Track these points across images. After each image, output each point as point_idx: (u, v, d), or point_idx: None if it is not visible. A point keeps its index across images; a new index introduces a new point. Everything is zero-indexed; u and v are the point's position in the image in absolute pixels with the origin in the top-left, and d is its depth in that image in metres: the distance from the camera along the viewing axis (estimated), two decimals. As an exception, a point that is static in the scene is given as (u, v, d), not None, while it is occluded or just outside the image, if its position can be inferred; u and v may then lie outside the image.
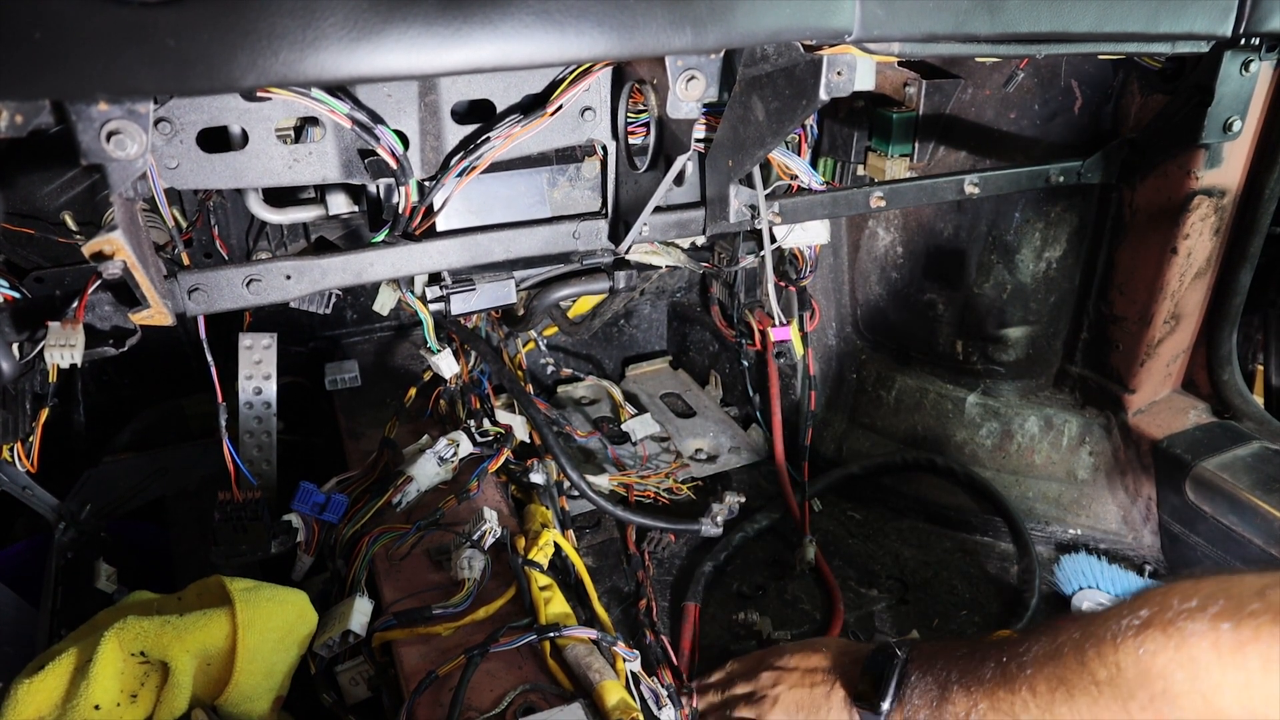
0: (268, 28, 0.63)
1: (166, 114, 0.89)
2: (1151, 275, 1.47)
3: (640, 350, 2.12)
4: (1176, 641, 0.63)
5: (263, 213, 1.10)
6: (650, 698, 1.10)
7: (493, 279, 1.18)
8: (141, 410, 1.68)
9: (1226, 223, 1.44)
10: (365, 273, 1.06)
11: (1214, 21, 1.00)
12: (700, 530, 1.47)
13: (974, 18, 0.87)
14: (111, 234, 0.80)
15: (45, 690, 0.96)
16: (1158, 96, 1.37)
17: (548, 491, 1.41)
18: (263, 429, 1.40)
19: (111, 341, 0.90)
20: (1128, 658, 0.66)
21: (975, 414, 1.65)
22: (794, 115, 0.96)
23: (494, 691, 1.01)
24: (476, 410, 1.48)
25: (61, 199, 1.08)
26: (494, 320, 1.59)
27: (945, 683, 0.84)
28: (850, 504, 1.66)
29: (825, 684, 0.97)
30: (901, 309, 1.71)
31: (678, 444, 1.79)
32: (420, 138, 1.01)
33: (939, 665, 0.87)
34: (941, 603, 1.43)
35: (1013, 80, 1.41)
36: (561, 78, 0.99)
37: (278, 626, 1.04)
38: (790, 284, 1.54)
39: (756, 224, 1.23)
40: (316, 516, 1.25)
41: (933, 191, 1.35)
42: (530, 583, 1.15)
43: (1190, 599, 0.64)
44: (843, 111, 1.48)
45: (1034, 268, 1.57)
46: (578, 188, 1.19)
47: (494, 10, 0.68)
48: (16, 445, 1.07)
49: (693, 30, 0.74)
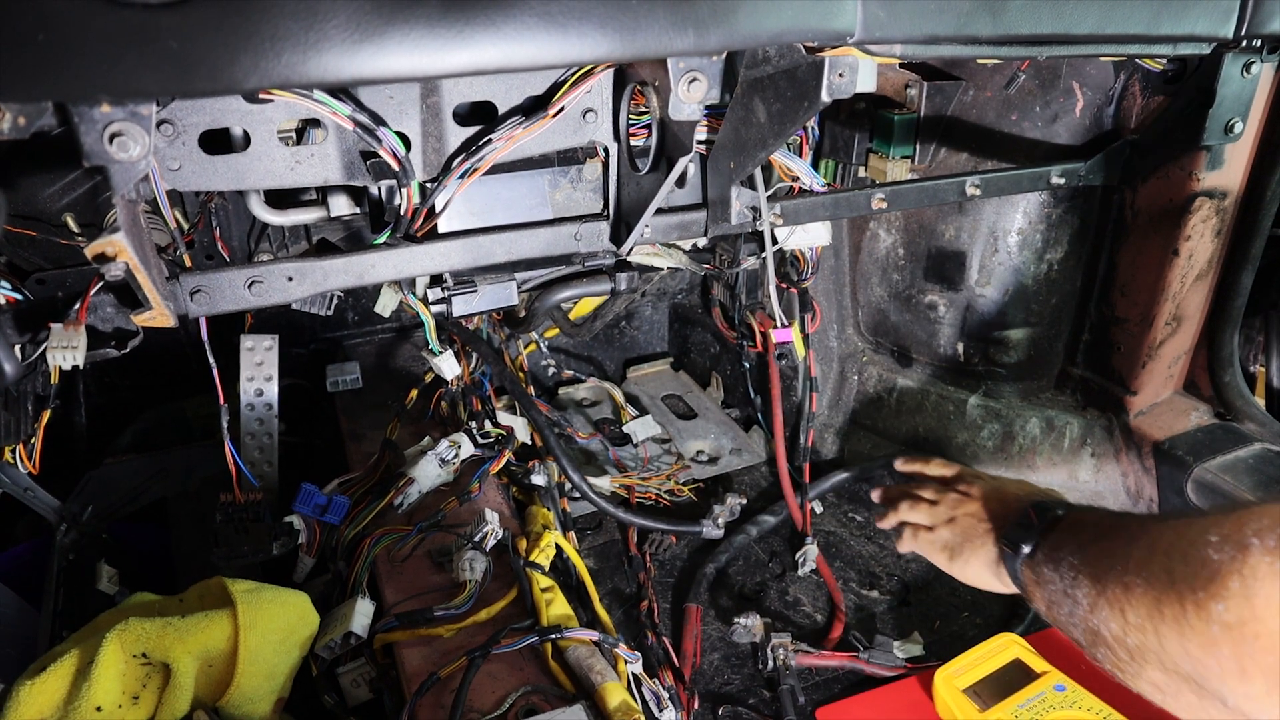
0: (270, 30, 0.63)
1: (169, 116, 0.89)
2: (1153, 277, 1.47)
3: (642, 352, 2.12)
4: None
5: (264, 214, 1.10)
6: (652, 699, 1.10)
7: (494, 280, 1.18)
8: (143, 412, 1.68)
9: (1228, 224, 1.44)
10: (367, 274, 1.06)
11: (1215, 23, 0.99)
12: (701, 532, 1.48)
13: (976, 19, 0.87)
14: (114, 236, 0.80)
15: (47, 692, 0.96)
16: (1159, 98, 1.37)
17: (549, 493, 1.41)
18: (264, 431, 1.40)
19: (113, 343, 0.90)
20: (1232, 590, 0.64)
21: (976, 415, 1.65)
22: (796, 117, 0.96)
23: (496, 693, 1.01)
24: (478, 412, 1.48)
25: (64, 201, 1.08)
26: (495, 322, 1.59)
27: (1076, 565, 0.83)
28: (852, 505, 1.66)
29: (987, 520, 1.04)
30: (903, 310, 1.71)
31: (679, 446, 1.79)
32: (422, 139, 1.01)
33: (1074, 540, 0.87)
34: (943, 604, 1.43)
35: (1014, 82, 1.41)
36: (563, 80, 0.99)
37: (279, 628, 1.04)
38: (792, 285, 1.54)
39: (758, 225, 1.23)
40: (318, 518, 1.25)
41: (934, 193, 1.36)
42: (532, 584, 1.15)
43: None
44: (844, 113, 1.48)
45: (1035, 269, 1.57)
46: (579, 189, 1.19)
47: (496, 12, 0.68)
48: (18, 447, 1.07)
49: (695, 32, 0.74)
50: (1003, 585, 1.00)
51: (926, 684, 1.21)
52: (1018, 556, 0.94)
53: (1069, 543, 0.86)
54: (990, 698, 1.15)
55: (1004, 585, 1.00)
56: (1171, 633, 0.68)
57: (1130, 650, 0.74)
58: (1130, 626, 0.73)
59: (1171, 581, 0.68)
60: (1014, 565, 0.95)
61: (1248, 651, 0.62)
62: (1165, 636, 0.69)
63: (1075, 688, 1.15)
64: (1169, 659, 0.70)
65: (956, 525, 1.09)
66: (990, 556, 1.02)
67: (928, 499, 1.15)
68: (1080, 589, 0.80)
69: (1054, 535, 0.90)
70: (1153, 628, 0.70)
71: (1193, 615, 0.66)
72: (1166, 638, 0.69)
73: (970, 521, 1.07)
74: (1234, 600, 0.63)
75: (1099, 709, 1.12)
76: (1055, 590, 0.86)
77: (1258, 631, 0.61)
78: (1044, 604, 0.89)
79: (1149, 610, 0.71)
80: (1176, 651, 0.68)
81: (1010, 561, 0.96)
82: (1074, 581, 0.81)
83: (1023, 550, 0.93)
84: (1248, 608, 0.62)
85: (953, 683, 1.18)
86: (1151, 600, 0.70)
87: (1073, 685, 1.16)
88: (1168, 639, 0.69)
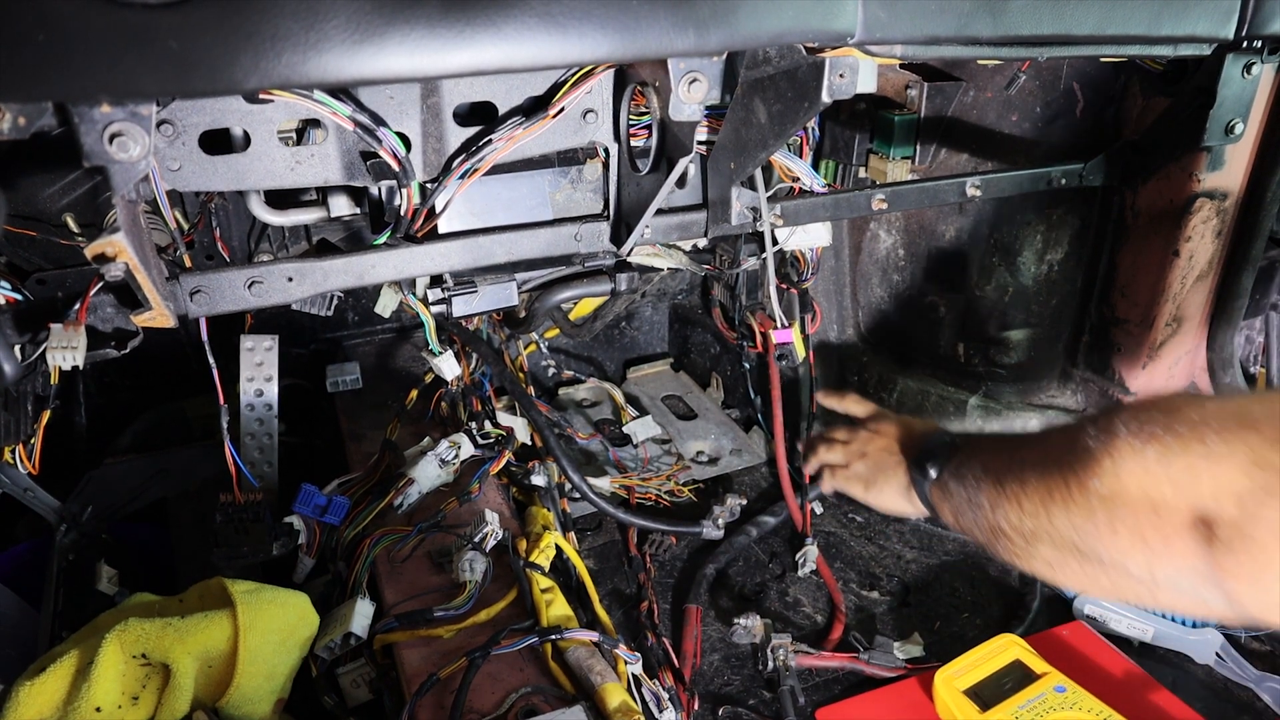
0: (270, 30, 0.63)
1: (169, 116, 0.89)
2: (1153, 278, 1.47)
3: (642, 352, 2.12)
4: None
5: (264, 215, 1.10)
6: (652, 700, 1.10)
7: (494, 281, 1.18)
8: (143, 412, 1.68)
9: (1228, 225, 1.44)
10: (367, 275, 1.06)
11: (1216, 24, 0.99)
12: (701, 532, 1.48)
13: (976, 20, 0.87)
14: (114, 236, 0.80)
15: (47, 692, 0.96)
16: (1159, 99, 1.37)
17: (549, 494, 1.41)
18: (264, 431, 1.40)
19: (113, 343, 0.90)
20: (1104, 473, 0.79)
21: (977, 416, 1.65)
22: (796, 117, 0.96)
23: (496, 694, 1.01)
24: (478, 412, 1.48)
25: (64, 201, 1.08)
26: (495, 322, 1.59)
27: (979, 475, 0.98)
28: (852, 506, 1.66)
29: (897, 452, 1.17)
30: (903, 311, 1.71)
31: (679, 446, 1.79)
32: (422, 140, 1.01)
33: (978, 457, 1.01)
34: (943, 605, 1.43)
35: (1014, 83, 1.41)
36: (564, 80, 0.99)
37: (279, 628, 1.04)
38: (792, 286, 1.54)
39: (758, 226, 1.23)
40: (318, 518, 1.25)
41: (934, 194, 1.35)
42: (532, 585, 1.15)
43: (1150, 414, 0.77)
44: (844, 114, 1.48)
45: (1036, 270, 1.57)
46: (580, 190, 1.19)
47: (497, 13, 0.68)
48: (18, 447, 1.07)
49: (695, 32, 0.74)
50: (913, 509, 1.14)
51: (927, 685, 1.21)
52: (926, 480, 1.08)
53: (971, 461, 1.01)
54: (990, 699, 1.15)
55: (914, 508, 1.13)
56: (1060, 511, 0.83)
57: (1025, 534, 0.89)
58: (1025, 514, 0.88)
59: (1059, 469, 0.83)
60: (923, 488, 1.08)
61: (1117, 515, 0.77)
62: (1055, 515, 0.84)
63: (1075, 689, 1.15)
64: (1057, 535, 0.84)
65: (869, 459, 1.22)
66: (901, 484, 1.14)
67: (841, 440, 1.27)
68: (983, 494, 0.95)
69: (957, 458, 1.04)
70: (1045, 511, 0.85)
71: (1076, 493, 0.80)
72: (1056, 516, 0.83)
73: (882, 455, 1.20)
74: (1106, 476, 0.77)
75: (1099, 710, 1.12)
76: (960, 500, 1.00)
77: (1124, 499, 0.76)
78: (951, 515, 1.03)
79: (1042, 497, 0.85)
80: (1064, 525, 0.83)
81: (919, 485, 1.09)
82: (977, 489, 0.96)
83: (930, 474, 1.07)
84: (1116, 481, 0.76)
85: (953, 684, 1.18)
86: (1044, 488, 0.85)
87: (1073, 686, 1.16)
88: (1057, 517, 0.83)
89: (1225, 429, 0.71)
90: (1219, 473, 0.70)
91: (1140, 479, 0.75)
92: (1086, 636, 1.30)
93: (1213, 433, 0.71)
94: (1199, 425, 0.72)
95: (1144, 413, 0.77)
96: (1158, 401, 0.78)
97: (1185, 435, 0.73)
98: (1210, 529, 0.70)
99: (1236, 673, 1.27)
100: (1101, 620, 1.36)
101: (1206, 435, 0.71)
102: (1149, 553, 0.75)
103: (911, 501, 1.13)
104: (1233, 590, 0.70)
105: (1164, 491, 0.73)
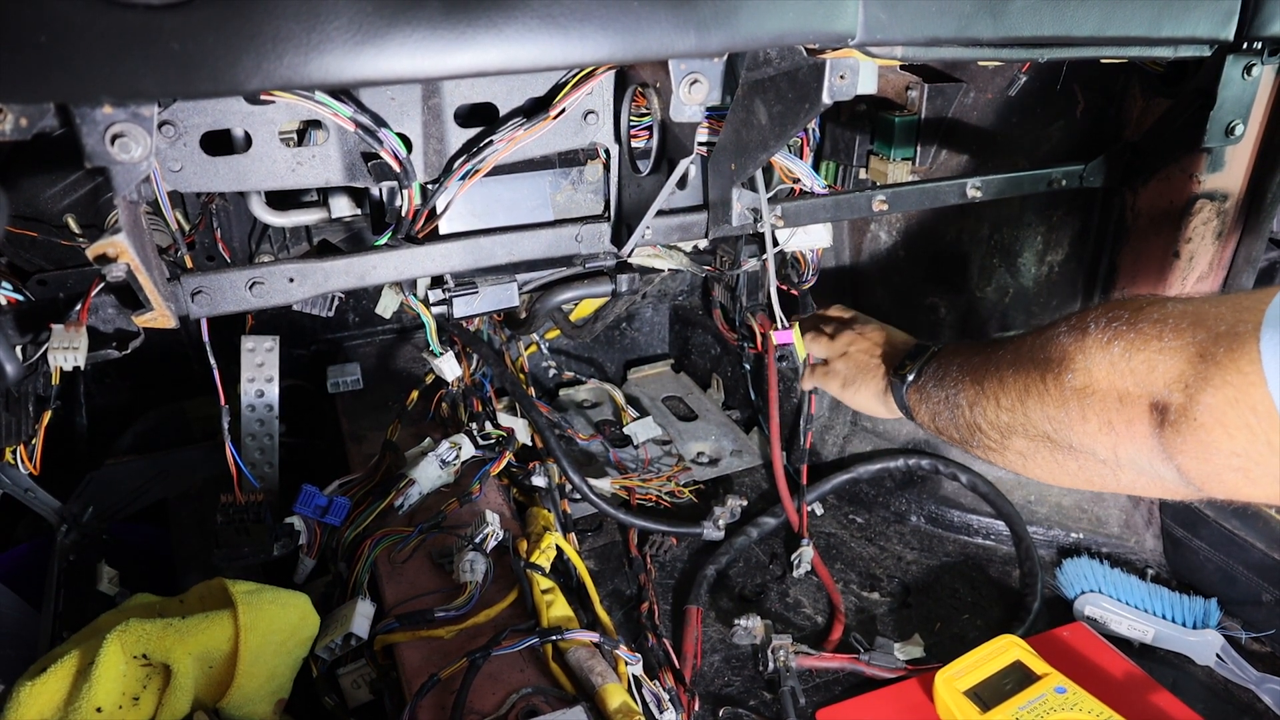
0: (272, 31, 0.63)
1: (170, 117, 0.90)
2: (1154, 279, 1.47)
3: (642, 353, 2.12)
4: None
5: (265, 215, 1.10)
6: (652, 701, 1.10)
7: (495, 282, 1.19)
8: (144, 413, 1.68)
9: (1229, 226, 1.44)
10: (368, 276, 1.06)
11: (1216, 25, 0.99)
12: (702, 533, 1.48)
13: (977, 21, 0.87)
14: (115, 237, 0.80)
15: (47, 693, 0.96)
16: (1160, 100, 1.37)
17: (549, 494, 1.41)
18: (265, 432, 1.40)
19: (114, 344, 0.90)
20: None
21: (977, 417, 1.65)
22: (797, 119, 0.96)
23: (496, 695, 1.01)
24: (478, 413, 1.48)
25: (65, 202, 1.08)
26: (496, 323, 1.59)
27: (957, 376, 1.05)
28: (852, 507, 1.66)
29: (878, 356, 1.24)
30: (903, 312, 1.71)
31: (679, 447, 1.79)
32: (423, 141, 1.01)
33: (957, 360, 1.08)
34: (944, 606, 1.43)
35: (1015, 84, 1.41)
36: (564, 81, 0.99)
37: (280, 629, 1.04)
38: (792, 287, 1.54)
39: (759, 227, 1.23)
40: (318, 519, 1.25)
41: (935, 195, 1.36)
42: (532, 586, 1.15)
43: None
44: (845, 115, 1.48)
45: (1036, 271, 1.57)
46: (580, 191, 1.19)
47: (498, 14, 0.68)
48: (19, 448, 1.07)
49: (696, 33, 0.75)
50: (887, 410, 1.21)
51: (927, 686, 1.21)
52: (904, 384, 1.14)
53: (950, 364, 1.08)
54: (991, 700, 1.15)
55: (888, 410, 1.21)
56: (1035, 404, 0.91)
57: (1001, 429, 0.97)
58: (1003, 409, 0.95)
59: (1035, 365, 0.91)
60: (900, 392, 1.15)
61: (1088, 403, 0.85)
62: (1030, 409, 0.92)
63: (1076, 690, 1.15)
64: (1032, 427, 0.93)
65: (850, 359, 1.29)
66: (879, 387, 1.21)
67: (827, 331, 1.34)
68: (962, 394, 1.02)
69: (934, 363, 1.11)
70: (1021, 405, 0.93)
71: (1051, 386, 0.89)
72: (1031, 410, 0.92)
73: (863, 357, 1.26)
74: (1078, 371, 0.86)
75: (1100, 711, 1.12)
76: (938, 402, 1.07)
77: (1093, 391, 0.84)
78: (928, 417, 1.11)
79: (1019, 392, 0.93)
80: (1038, 418, 0.91)
81: (897, 390, 1.16)
82: (957, 389, 1.03)
83: (908, 379, 1.13)
84: (1087, 374, 0.85)
85: (953, 684, 1.18)
86: (1021, 384, 0.93)
87: (1074, 687, 1.16)
88: (1032, 410, 0.92)
89: (1180, 327, 0.78)
90: (1171, 365, 0.78)
91: (1108, 372, 0.83)
92: (1087, 637, 1.30)
93: (1169, 330, 0.79)
94: (1158, 323, 0.81)
95: (1112, 311, 0.86)
96: (1126, 303, 0.86)
97: (1147, 332, 0.81)
98: (1164, 414, 0.78)
99: (1237, 674, 1.27)
100: (1102, 621, 1.36)
101: (1164, 332, 0.79)
102: (1114, 437, 0.84)
103: (887, 404, 1.19)
104: (1182, 465, 0.78)
105: (1127, 383, 0.82)
